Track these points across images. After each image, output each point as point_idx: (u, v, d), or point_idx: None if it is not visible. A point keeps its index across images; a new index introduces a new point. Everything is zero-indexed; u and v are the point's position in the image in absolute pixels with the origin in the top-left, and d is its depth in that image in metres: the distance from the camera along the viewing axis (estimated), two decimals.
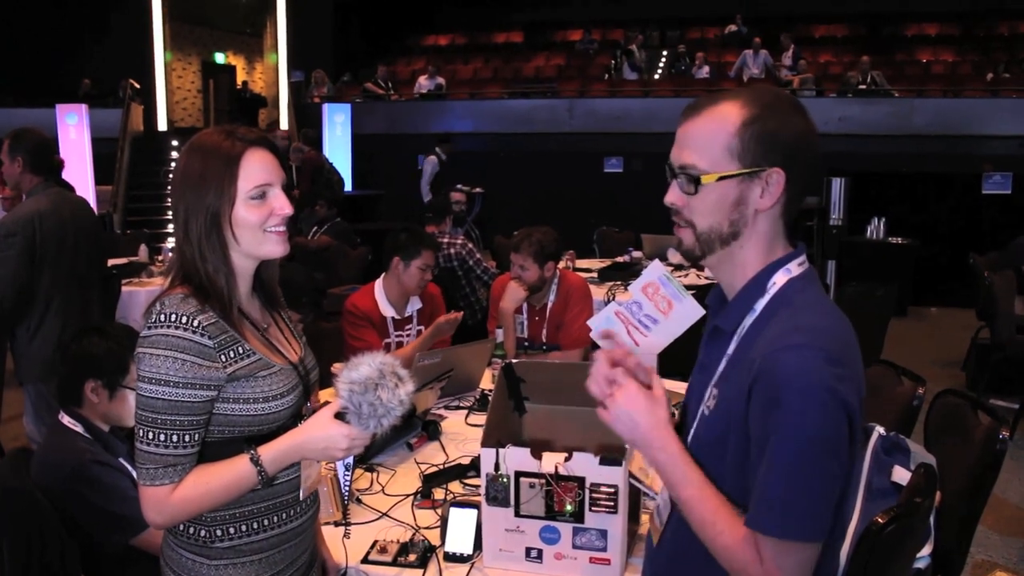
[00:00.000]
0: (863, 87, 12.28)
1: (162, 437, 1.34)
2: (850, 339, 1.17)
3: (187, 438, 1.35)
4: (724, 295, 1.31)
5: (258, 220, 1.41)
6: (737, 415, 1.16)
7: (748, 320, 1.21)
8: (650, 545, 1.41)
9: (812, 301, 1.20)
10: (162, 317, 1.35)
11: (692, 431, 1.26)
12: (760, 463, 1.12)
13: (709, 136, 1.19)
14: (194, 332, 1.34)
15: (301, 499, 1.52)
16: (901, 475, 1.84)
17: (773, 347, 1.12)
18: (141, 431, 1.35)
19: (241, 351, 1.40)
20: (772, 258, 1.23)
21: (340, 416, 1.37)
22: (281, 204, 1.43)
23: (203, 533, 1.43)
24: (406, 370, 1.38)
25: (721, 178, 1.18)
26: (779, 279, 1.22)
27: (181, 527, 1.43)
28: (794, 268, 1.23)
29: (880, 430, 1.98)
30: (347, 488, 2.05)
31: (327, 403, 1.44)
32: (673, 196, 1.24)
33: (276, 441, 1.41)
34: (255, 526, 1.45)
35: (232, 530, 1.44)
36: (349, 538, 1.89)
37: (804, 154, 1.19)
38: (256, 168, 1.41)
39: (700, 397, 1.26)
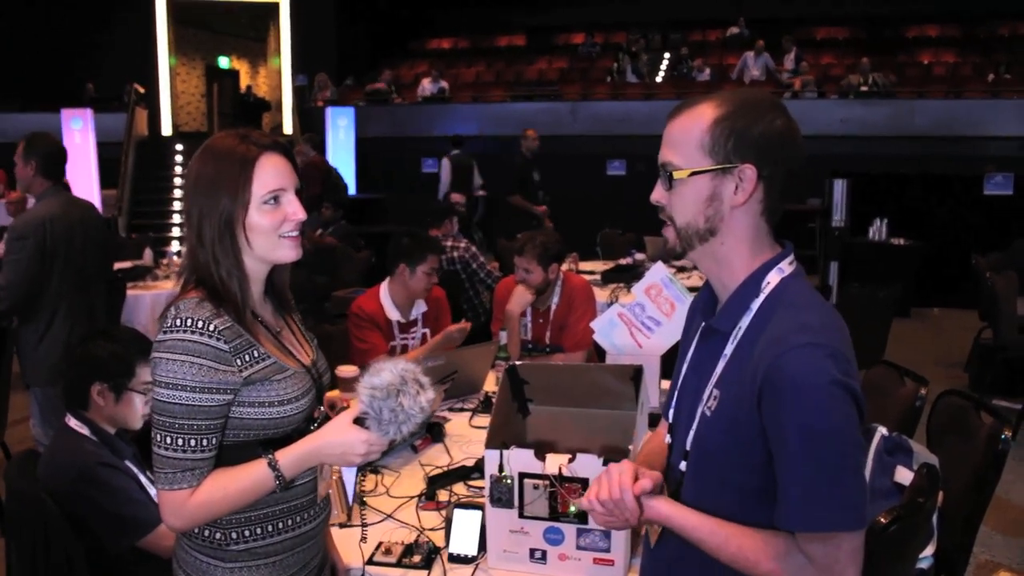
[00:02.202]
0: (864, 89, 12.27)
1: (180, 441, 1.34)
2: (847, 334, 1.19)
3: (204, 442, 1.35)
4: (713, 295, 1.33)
5: (272, 225, 1.41)
6: (744, 419, 1.17)
7: (745, 320, 1.23)
8: (647, 545, 1.41)
9: (807, 299, 1.22)
10: (178, 322, 1.34)
11: (693, 431, 1.27)
12: (784, 465, 1.13)
13: (684, 134, 1.22)
14: (210, 336, 1.34)
15: (318, 501, 1.53)
16: (904, 475, 1.86)
17: (781, 347, 1.13)
18: (159, 435, 1.35)
19: (256, 355, 1.40)
20: (762, 258, 1.25)
21: (359, 421, 1.37)
22: (295, 209, 1.43)
23: (218, 535, 1.43)
24: (427, 378, 1.37)
25: (693, 173, 1.21)
26: (772, 278, 1.23)
27: (196, 529, 1.43)
28: (786, 267, 1.25)
29: (883, 431, 1.99)
30: (353, 490, 2.06)
31: (345, 407, 1.44)
32: (656, 194, 1.27)
33: (294, 446, 1.40)
34: (270, 529, 1.45)
35: (247, 533, 1.44)
36: (366, 541, 1.90)
37: (780, 152, 1.20)
38: (270, 173, 1.41)
39: (697, 397, 1.27)
